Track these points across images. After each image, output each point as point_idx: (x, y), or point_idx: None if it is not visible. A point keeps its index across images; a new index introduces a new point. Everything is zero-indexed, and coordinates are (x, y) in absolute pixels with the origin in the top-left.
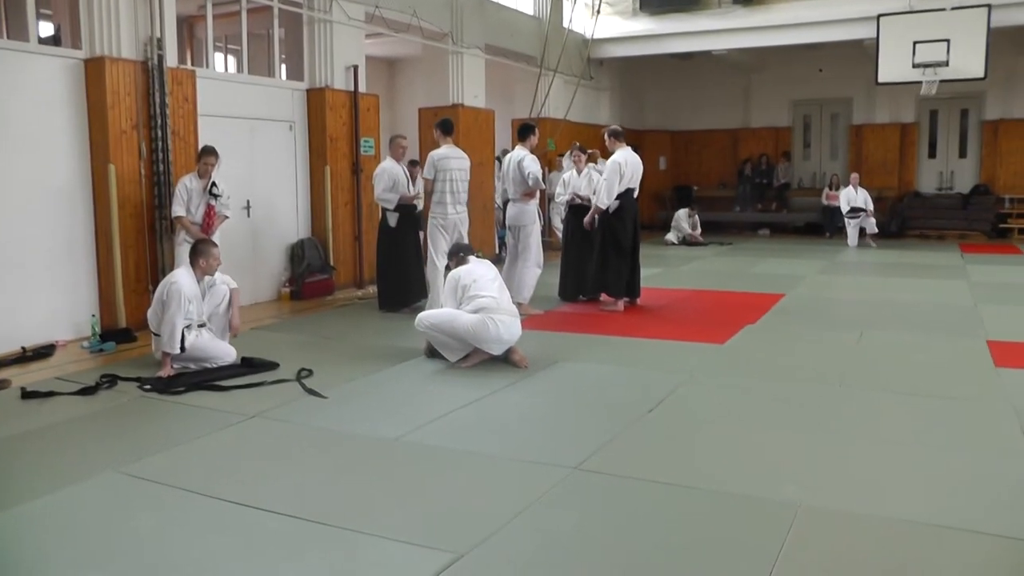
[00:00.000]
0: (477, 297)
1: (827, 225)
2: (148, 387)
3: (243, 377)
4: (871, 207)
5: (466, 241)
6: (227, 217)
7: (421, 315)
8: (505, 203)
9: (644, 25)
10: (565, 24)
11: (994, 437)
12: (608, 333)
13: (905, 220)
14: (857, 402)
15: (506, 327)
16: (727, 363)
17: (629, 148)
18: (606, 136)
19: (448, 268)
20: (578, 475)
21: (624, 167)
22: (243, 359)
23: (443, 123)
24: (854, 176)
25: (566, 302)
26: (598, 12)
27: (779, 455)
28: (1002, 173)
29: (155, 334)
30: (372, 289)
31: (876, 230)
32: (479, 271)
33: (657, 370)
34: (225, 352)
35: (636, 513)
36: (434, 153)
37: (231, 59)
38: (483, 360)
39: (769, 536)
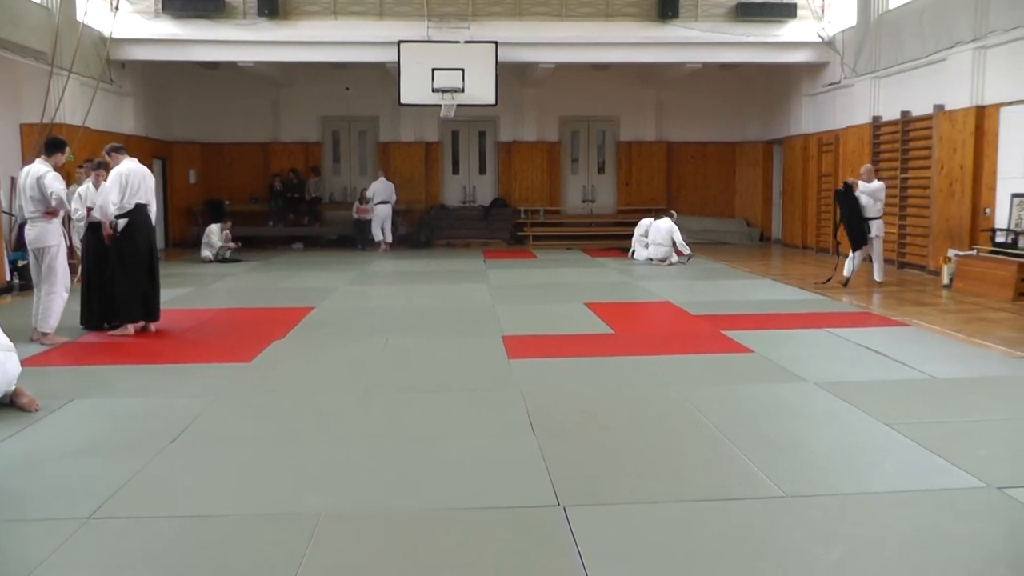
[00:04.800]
0: None
1: (359, 238)
2: None
3: None
4: None
5: None
6: None
7: None
8: (22, 224)
9: (167, 28)
10: (79, 18)
11: (505, 421)
12: (131, 362)
13: (433, 231)
14: (383, 404)
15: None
16: (254, 381)
17: (135, 160)
18: (105, 154)
19: None
20: (91, 525)
21: (129, 177)
22: None
23: None
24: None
25: (90, 331)
26: (116, 8)
27: (303, 467)
28: (517, 188)
29: None
30: None
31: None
32: None
33: (181, 396)
34: None
35: (154, 556)
36: None
37: None
38: None
39: (290, 550)
